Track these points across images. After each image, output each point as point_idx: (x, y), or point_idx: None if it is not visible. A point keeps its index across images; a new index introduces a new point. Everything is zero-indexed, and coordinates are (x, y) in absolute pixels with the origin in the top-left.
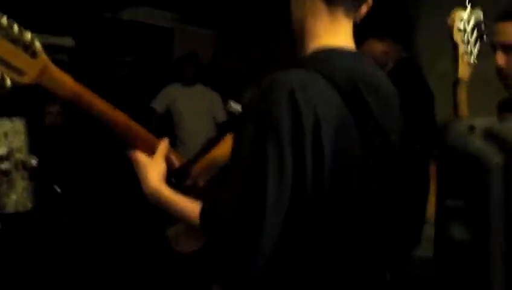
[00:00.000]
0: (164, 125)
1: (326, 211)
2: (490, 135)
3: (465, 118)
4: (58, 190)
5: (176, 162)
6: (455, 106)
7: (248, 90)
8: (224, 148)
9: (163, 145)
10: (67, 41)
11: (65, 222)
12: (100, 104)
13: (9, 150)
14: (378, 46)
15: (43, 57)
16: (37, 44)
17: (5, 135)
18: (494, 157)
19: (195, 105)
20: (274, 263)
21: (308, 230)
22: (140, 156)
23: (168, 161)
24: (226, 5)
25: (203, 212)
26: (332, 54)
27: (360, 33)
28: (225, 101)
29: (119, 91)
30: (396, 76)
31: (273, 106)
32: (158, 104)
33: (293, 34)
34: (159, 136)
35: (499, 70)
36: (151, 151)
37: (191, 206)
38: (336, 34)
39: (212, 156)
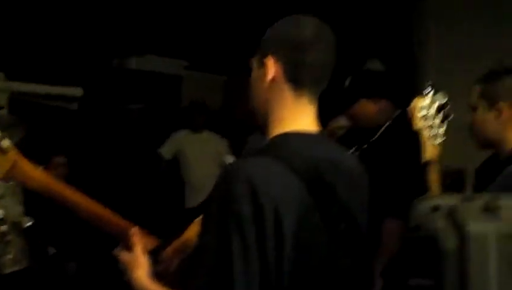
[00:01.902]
0: (171, 171)
1: None
2: (450, 216)
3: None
4: (53, 251)
5: (148, 246)
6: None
7: (251, 138)
8: (195, 230)
9: (136, 236)
10: (77, 91)
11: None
12: (70, 196)
13: (5, 212)
14: (370, 107)
15: (12, 152)
16: (6, 142)
17: (2, 197)
18: (449, 240)
19: (203, 151)
20: None
21: None
22: (125, 256)
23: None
24: (234, 50)
25: None
26: (293, 138)
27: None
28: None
29: (127, 138)
30: (394, 131)
31: (234, 196)
32: (166, 150)
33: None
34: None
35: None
36: (123, 235)
37: None
38: (300, 118)
39: (183, 239)
